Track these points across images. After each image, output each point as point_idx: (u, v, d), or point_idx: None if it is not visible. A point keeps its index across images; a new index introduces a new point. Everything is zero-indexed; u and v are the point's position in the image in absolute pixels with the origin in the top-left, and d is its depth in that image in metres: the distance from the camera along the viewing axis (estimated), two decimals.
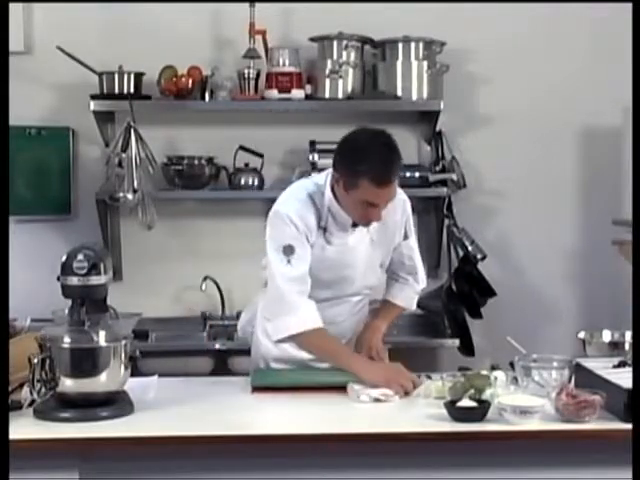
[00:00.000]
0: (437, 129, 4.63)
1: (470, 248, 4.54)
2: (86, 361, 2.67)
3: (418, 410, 2.78)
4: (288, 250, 3.07)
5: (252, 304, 3.46)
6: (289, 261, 3.06)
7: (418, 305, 4.70)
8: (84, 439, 2.53)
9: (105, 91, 4.47)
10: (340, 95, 4.52)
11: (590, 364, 2.87)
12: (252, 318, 3.42)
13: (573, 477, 2.61)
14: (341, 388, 2.97)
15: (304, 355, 3.19)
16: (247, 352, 3.44)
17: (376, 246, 3.25)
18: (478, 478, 2.62)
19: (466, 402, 2.66)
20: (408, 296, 3.49)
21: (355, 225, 3.16)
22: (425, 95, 4.52)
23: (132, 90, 4.47)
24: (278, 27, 4.60)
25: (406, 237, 3.33)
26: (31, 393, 2.66)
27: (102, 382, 2.69)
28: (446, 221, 4.61)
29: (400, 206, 3.26)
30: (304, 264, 3.07)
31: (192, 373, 3.72)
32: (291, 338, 3.07)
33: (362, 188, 3.00)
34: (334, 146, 4.54)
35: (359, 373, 2.99)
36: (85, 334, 2.68)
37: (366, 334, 3.36)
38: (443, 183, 4.56)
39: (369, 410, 2.83)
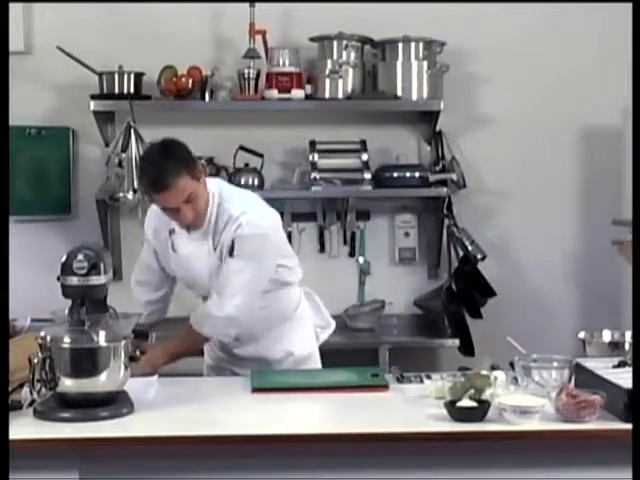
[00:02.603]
0: (437, 129, 4.63)
1: (470, 248, 4.54)
2: (86, 361, 2.67)
3: (418, 410, 2.77)
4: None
5: None
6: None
7: (418, 305, 4.73)
8: (84, 439, 2.53)
9: (105, 91, 4.47)
10: (340, 95, 4.52)
11: (590, 364, 2.87)
12: None
13: (573, 477, 2.61)
14: (341, 388, 2.97)
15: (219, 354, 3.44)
16: None
17: (218, 256, 3.21)
18: (478, 478, 2.62)
19: (466, 402, 2.66)
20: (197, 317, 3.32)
21: (188, 229, 3.24)
22: (425, 95, 4.52)
23: (132, 90, 4.47)
24: (278, 27, 4.60)
25: (231, 254, 3.15)
26: (31, 393, 2.66)
27: (102, 382, 2.69)
28: (446, 221, 4.61)
29: (233, 223, 3.15)
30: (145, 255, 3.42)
31: (192, 373, 3.72)
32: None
33: (149, 197, 3.19)
34: (334, 146, 4.60)
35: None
36: (85, 334, 2.68)
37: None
38: (443, 183, 4.56)
39: (369, 410, 2.83)
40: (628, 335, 3.15)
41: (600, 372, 2.77)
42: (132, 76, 4.48)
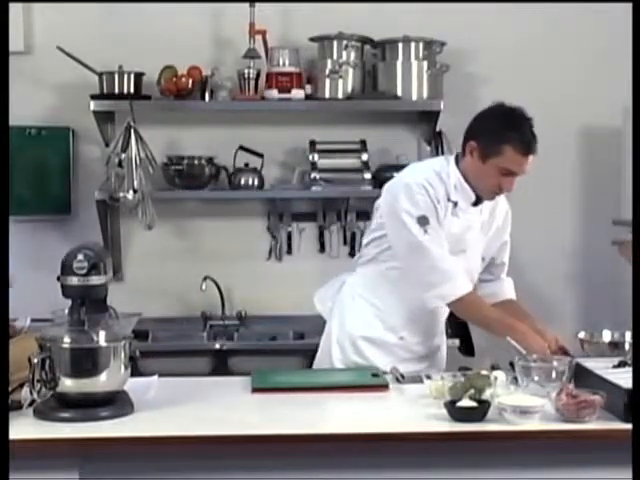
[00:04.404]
0: (437, 129, 4.63)
1: None
2: (86, 361, 2.67)
3: (418, 410, 2.77)
4: (423, 220, 3.18)
5: (336, 280, 3.51)
6: (426, 231, 3.17)
7: None
8: (84, 439, 2.53)
9: (105, 91, 4.47)
10: (340, 95, 4.52)
11: (590, 364, 2.87)
12: (334, 294, 3.46)
13: (573, 477, 2.61)
14: (341, 388, 2.97)
15: (393, 339, 3.30)
16: (247, 352, 3.45)
17: (482, 233, 3.35)
18: (478, 478, 2.62)
19: (466, 402, 2.66)
20: (512, 290, 3.54)
21: (476, 203, 3.27)
22: (425, 95, 4.52)
23: (132, 90, 4.47)
24: (278, 27, 4.60)
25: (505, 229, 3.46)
26: (31, 393, 2.66)
27: (102, 382, 2.68)
28: None
29: (505, 207, 3.45)
30: (440, 231, 3.19)
31: (192, 373, 3.72)
32: (448, 305, 3.23)
33: (505, 155, 3.13)
34: (334, 146, 4.60)
35: (521, 341, 3.07)
36: (85, 334, 2.68)
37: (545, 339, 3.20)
38: None
39: (369, 410, 2.83)
40: (628, 335, 3.15)
41: (600, 372, 2.77)
42: (132, 76, 4.48)
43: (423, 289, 3.20)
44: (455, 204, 3.24)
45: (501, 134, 3.14)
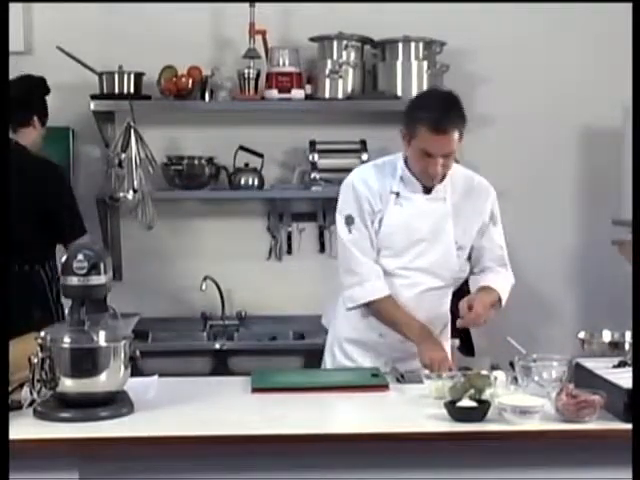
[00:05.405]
0: None
1: None
2: (86, 361, 2.67)
3: (418, 410, 2.77)
4: (349, 220, 3.24)
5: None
6: (350, 231, 3.23)
7: None
8: (84, 439, 2.53)
9: (105, 91, 4.47)
10: (340, 95, 4.53)
11: (590, 364, 2.87)
12: (335, 304, 3.45)
13: (573, 477, 2.61)
14: (341, 388, 2.97)
15: (374, 337, 3.29)
16: (247, 352, 3.45)
17: (455, 223, 3.28)
18: (478, 478, 2.62)
19: (466, 402, 2.66)
20: (503, 286, 3.41)
21: (428, 191, 3.24)
22: None
23: (132, 90, 4.47)
24: (278, 27, 4.60)
25: (494, 224, 3.39)
26: (31, 393, 2.66)
27: (102, 382, 2.68)
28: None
29: (484, 190, 3.37)
30: (364, 232, 3.24)
31: (192, 373, 3.72)
32: (362, 306, 3.25)
33: (420, 136, 3.11)
34: (334, 146, 4.60)
35: (422, 352, 3.14)
36: (85, 334, 2.68)
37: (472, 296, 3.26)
38: None
39: (369, 410, 2.83)
40: (628, 335, 3.15)
41: (600, 372, 2.77)
42: (132, 76, 4.48)
43: (342, 289, 3.29)
44: (397, 194, 3.24)
45: (414, 115, 3.15)
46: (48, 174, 3.83)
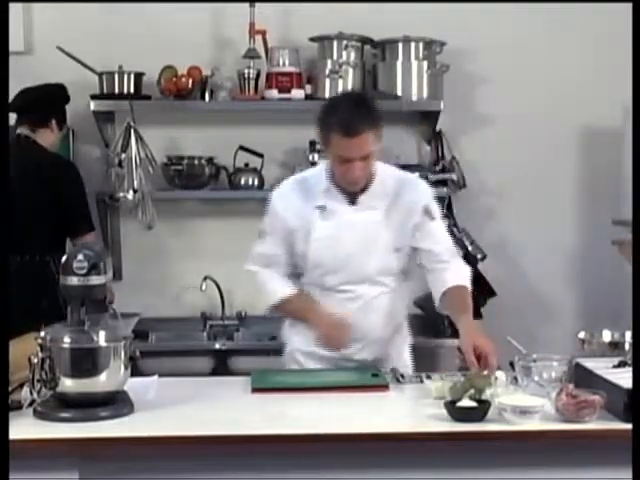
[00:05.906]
0: (437, 129, 4.63)
1: (470, 248, 4.53)
2: (86, 361, 2.67)
3: (418, 410, 2.78)
4: (262, 233, 3.28)
5: None
6: (259, 243, 3.28)
7: (418, 305, 4.72)
8: (84, 439, 2.53)
9: (105, 91, 4.47)
10: None
11: (590, 364, 2.87)
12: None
13: (573, 477, 2.60)
14: (341, 388, 2.97)
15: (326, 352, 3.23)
16: (247, 352, 3.44)
17: (388, 227, 3.16)
18: (478, 478, 2.62)
19: (466, 402, 2.66)
20: (459, 274, 3.20)
21: (353, 202, 3.15)
22: (425, 95, 4.53)
23: (132, 90, 4.47)
24: (278, 27, 4.61)
25: (432, 218, 3.23)
26: (31, 393, 2.66)
27: (102, 382, 2.68)
28: (446, 221, 4.60)
29: (412, 185, 3.23)
30: (271, 245, 3.24)
31: (192, 373, 3.72)
32: (274, 311, 3.28)
33: (334, 142, 3.03)
34: None
35: (311, 323, 3.16)
36: (85, 334, 2.68)
37: (464, 340, 2.99)
38: (443, 183, 4.55)
39: (369, 410, 2.83)
40: (628, 335, 3.15)
41: (600, 372, 2.77)
42: (132, 76, 4.48)
43: None
44: (323, 208, 3.15)
45: (325, 122, 3.06)
46: (62, 170, 4.07)
